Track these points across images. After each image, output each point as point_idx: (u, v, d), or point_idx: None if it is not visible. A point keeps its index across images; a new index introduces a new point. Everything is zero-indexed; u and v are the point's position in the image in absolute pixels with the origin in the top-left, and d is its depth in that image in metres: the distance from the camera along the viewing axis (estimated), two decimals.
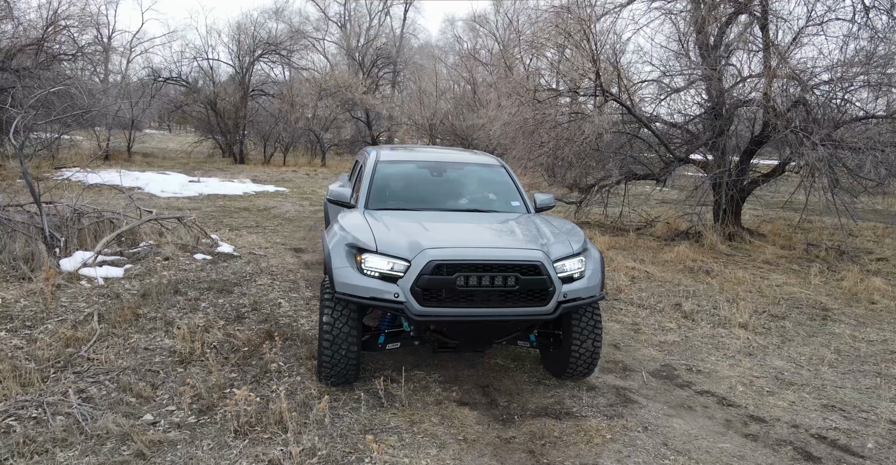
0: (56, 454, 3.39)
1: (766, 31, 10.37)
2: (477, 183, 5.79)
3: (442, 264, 3.89)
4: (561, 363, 4.64)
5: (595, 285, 4.35)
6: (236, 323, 5.56)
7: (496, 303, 3.99)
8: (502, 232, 4.76)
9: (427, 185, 5.58)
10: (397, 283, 3.96)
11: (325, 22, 45.42)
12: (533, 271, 4.01)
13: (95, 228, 7.55)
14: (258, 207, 13.16)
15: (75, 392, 4.07)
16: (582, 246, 4.48)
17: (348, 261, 4.13)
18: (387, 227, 4.38)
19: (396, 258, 4.00)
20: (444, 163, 5.96)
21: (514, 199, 5.58)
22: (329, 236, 4.58)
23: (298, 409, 4.02)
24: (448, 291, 3.93)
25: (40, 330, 5.00)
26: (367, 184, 5.34)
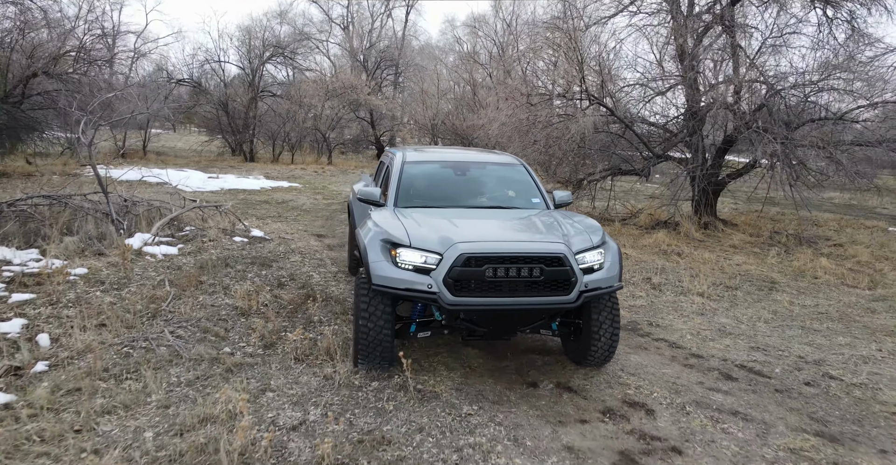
0: (169, 370, 4.61)
1: (733, 42, 11.58)
2: (498, 181, 6.05)
3: (472, 256, 4.16)
4: (581, 351, 4.90)
5: (613, 276, 4.60)
6: (279, 289, 6.77)
7: (522, 292, 4.24)
8: (526, 227, 5.02)
9: (451, 184, 5.86)
10: (430, 275, 4.22)
11: (329, 24, 46.51)
12: (556, 263, 4.26)
13: (147, 214, 8.75)
14: (276, 200, 14.36)
15: (169, 332, 5.29)
16: (601, 239, 4.74)
17: (383, 255, 4.37)
18: (418, 223, 4.63)
19: (429, 252, 4.26)
20: (467, 162, 6.24)
21: (534, 196, 5.84)
22: (363, 232, 4.80)
23: (340, 345, 5.23)
24: (477, 281, 4.18)
25: (126, 291, 6.21)
26: (395, 183, 5.63)
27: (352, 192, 7.19)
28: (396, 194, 5.50)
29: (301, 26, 41.23)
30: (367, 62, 35.32)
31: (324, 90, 25.85)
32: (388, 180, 5.86)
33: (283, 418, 3.97)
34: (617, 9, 12.80)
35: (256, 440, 3.62)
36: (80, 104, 10.82)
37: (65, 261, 6.88)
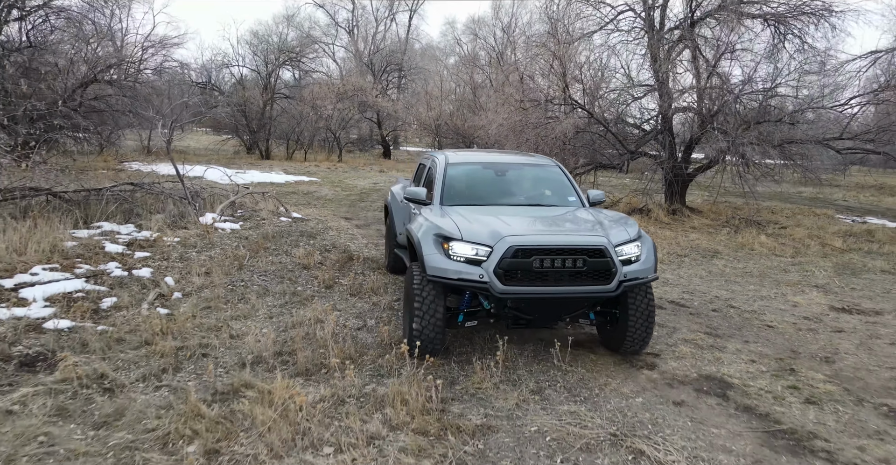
0: (265, 298, 6.61)
1: (695, 55, 13.60)
2: (535, 181, 6.43)
3: (521, 248, 4.48)
4: (618, 339, 5.17)
5: (650, 267, 4.91)
6: (326, 252, 8.78)
7: (567, 282, 4.55)
8: (567, 222, 5.41)
9: (492, 183, 6.27)
10: (481, 266, 4.55)
11: (335, 28, 48.57)
12: (598, 254, 4.56)
13: (211, 199, 10.74)
14: (302, 191, 16.37)
15: (256, 277, 7.30)
16: (637, 233, 5.04)
17: (436, 248, 4.71)
18: (467, 219, 4.97)
19: (480, 245, 4.60)
20: (506, 164, 6.65)
21: (569, 194, 6.20)
22: (415, 228, 5.19)
23: (382, 285, 7.22)
24: (525, 272, 4.50)
25: (213, 252, 8.21)
26: (440, 183, 6.02)
27: (389, 193, 7.89)
28: (442, 193, 5.89)
29: (307, 30, 43.25)
30: (373, 66, 37.28)
31: (335, 93, 27.84)
32: (431, 181, 6.27)
33: (351, 323, 5.96)
34: (599, 25, 14.80)
35: (337, 332, 5.61)
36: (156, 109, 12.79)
37: (158, 232, 8.88)
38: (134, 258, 7.60)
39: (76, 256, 7.40)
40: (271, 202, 11.54)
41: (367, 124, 33.29)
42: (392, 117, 33.49)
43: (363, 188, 18.31)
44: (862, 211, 16.98)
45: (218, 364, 4.84)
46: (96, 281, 6.69)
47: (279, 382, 4.32)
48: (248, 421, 3.91)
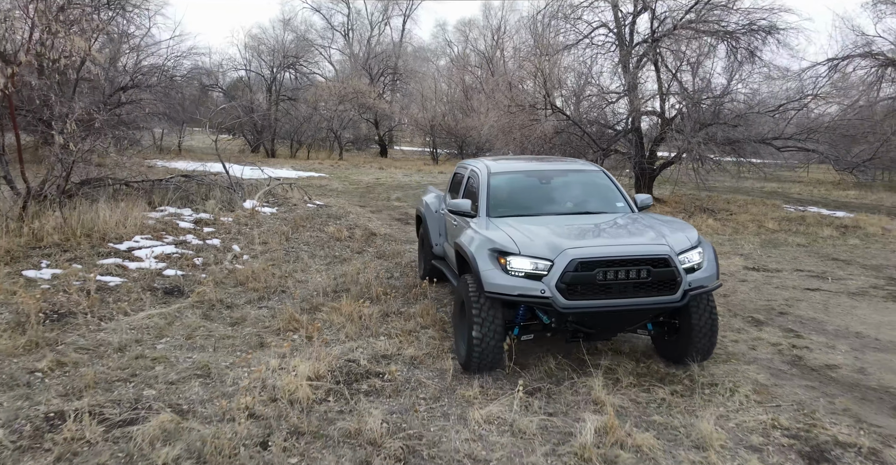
0: (313, 259, 8.71)
1: (657, 66, 15.83)
2: (582, 187, 6.17)
3: (583, 261, 4.30)
4: (681, 349, 4.95)
5: (713, 274, 4.73)
6: (352, 229, 10.88)
7: (631, 294, 4.38)
8: (624, 230, 5.16)
9: (538, 192, 6.04)
10: (542, 280, 4.38)
11: (331, 31, 50.52)
12: (663, 264, 4.38)
13: (249, 188, 12.81)
14: (315, 184, 18.44)
15: (302, 245, 9.40)
16: (698, 239, 4.84)
17: (492, 263, 4.56)
18: (521, 232, 4.80)
19: (539, 259, 4.43)
20: (550, 171, 6.41)
21: (618, 200, 5.97)
22: (467, 242, 5.03)
23: (401, 252, 9.33)
24: (588, 285, 4.33)
25: (262, 229, 10.28)
26: (484, 194, 5.79)
27: (421, 203, 7.81)
28: (487, 205, 5.68)
29: (304, 33, 45.20)
30: (370, 69, 39.32)
31: (336, 95, 29.90)
32: (472, 192, 6.13)
33: (382, 274, 8.06)
34: (576, 39, 17.00)
35: (373, 279, 7.70)
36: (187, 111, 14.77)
37: (214, 214, 10.93)
38: (204, 232, 9.67)
39: (160, 229, 9.46)
40: (297, 192, 13.62)
41: (365, 124, 35.35)
42: (388, 118, 35.58)
43: (368, 183, 20.40)
44: (808, 202, 19.26)
45: (296, 295, 6.94)
46: (184, 247, 8.76)
47: (345, 302, 6.44)
48: (328, 323, 6.02)
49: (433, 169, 28.16)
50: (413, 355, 5.20)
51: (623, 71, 16.82)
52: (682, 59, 16.08)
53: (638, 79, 16.58)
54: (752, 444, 3.83)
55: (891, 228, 13.13)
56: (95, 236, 8.49)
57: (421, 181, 21.61)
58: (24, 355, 4.86)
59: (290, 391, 4.29)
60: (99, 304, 6.11)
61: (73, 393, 4.22)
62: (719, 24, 15.75)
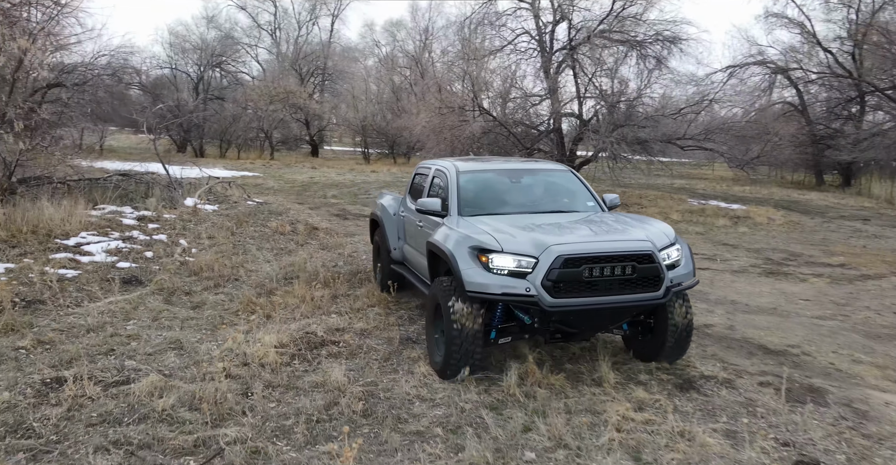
0: (261, 251, 9.26)
1: (575, 73, 17.18)
2: (552, 187, 6.09)
3: (570, 257, 4.22)
4: (655, 348, 4.95)
5: (690, 271, 4.76)
6: (294, 224, 11.44)
7: (616, 291, 4.34)
8: (603, 227, 5.05)
9: (509, 190, 5.92)
10: (526, 278, 4.27)
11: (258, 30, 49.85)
12: (647, 260, 4.36)
13: (189, 187, 13.08)
14: (251, 183, 18.67)
15: (249, 238, 9.92)
16: (675, 236, 4.83)
17: (473, 262, 4.40)
18: (500, 229, 4.68)
19: (523, 256, 4.31)
20: (519, 170, 6.34)
21: (588, 199, 5.90)
22: (442, 240, 4.86)
23: (343, 244, 10.00)
24: (574, 283, 4.25)
25: (207, 225, 10.68)
26: (454, 193, 5.60)
27: (377, 207, 7.56)
28: (458, 203, 5.51)
29: (228, 31, 44.48)
30: (300, 69, 39.30)
31: (267, 95, 29.90)
32: (442, 191, 5.92)
33: (328, 263, 8.73)
34: (501, 46, 18.13)
35: (320, 267, 8.36)
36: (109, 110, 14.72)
37: (156, 211, 11.20)
38: (149, 228, 9.99)
39: (105, 226, 9.71)
40: (236, 190, 13.97)
41: (296, 125, 35.39)
42: (319, 118, 35.76)
43: (303, 181, 20.79)
44: (710, 196, 21.24)
45: (250, 282, 7.53)
46: (131, 242, 9.10)
47: (297, 286, 7.11)
48: (283, 304, 6.66)
49: (365, 168, 28.72)
50: (363, 328, 5.95)
51: (545, 75, 18.09)
52: (597, 66, 17.51)
53: (558, 83, 17.89)
54: (639, 380, 4.84)
55: (775, 218, 14.96)
56: (41, 232, 8.71)
57: (354, 180, 22.18)
58: (3, 337, 5.27)
59: (260, 357, 4.96)
60: (62, 292, 6.51)
61: (62, 364, 4.73)
62: (629, 35, 17.26)
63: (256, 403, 4.17)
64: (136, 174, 12.69)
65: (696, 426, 3.96)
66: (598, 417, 4.14)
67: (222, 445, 3.56)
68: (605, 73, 17.36)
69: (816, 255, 10.80)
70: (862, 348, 5.83)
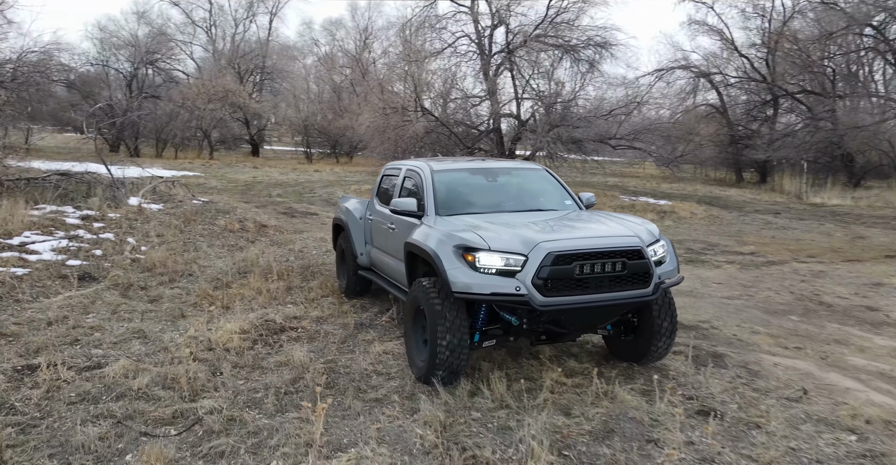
0: (212, 247, 9.45)
1: (513, 75, 17.96)
2: (529, 185, 6.00)
3: (561, 254, 4.11)
4: (640, 348, 4.92)
5: (675, 268, 4.72)
6: (243, 222, 11.62)
7: (607, 288, 4.24)
8: (588, 224, 5.00)
9: (486, 189, 5.79)
10: (515, 277, 4.13)
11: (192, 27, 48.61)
12: (637, 256, 4.29)
13: (132, 186, 13.00)
14: (193, 183, 18.48)
15: (199, 236, 10.07)
16: (659, 232, 4.77)
17: (459, 261, 4.23)
18: (484, 227, 4.55)
19: (511, 254, 4.17)
20: (494, 169, 6.17)
21: (565, 197, 5.80)
22: (423, 239, 4.69)
23: (293, 240, 10.29)
24: (566, 280, 4.14)
25: (153, 224, 10.73)
26: (430, 193, 5.42)
27: (341, 210, 7.37)
28: (435, 203, 5.33)
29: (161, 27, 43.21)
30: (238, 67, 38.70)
31: (206, 94, 29.42)
32: (415, 192, 5.72)
33: (279, 258, 9.03)
34: (442, 48, 18.71)
35: (273, 262, 8.66)
36: None
37: (99, 210, 11.14)
38: (94, 227, 9.98)
39: (48, 225, 9.65)
40: (181, 189, 13.96)
41: (235, 124, 34.88)
42: (260, 117, 35.37)
43: (246, 181, 20.73)
44: (641, 193, 22.52)
45: (204, 277, 7.77)
46: (78, 241, 9.12)
47: (252, 279, 7.41)
48: (240, 296, 6.97)
49: (308, 168, 28.72)
50: (318, 316, 6.35)
51: (484, 77, 18.80)
52: (534, 68, 18.34)
53: (497, 85, 18.64)
54: (571, 352, 5.47)
55: (697, 212, 16.16)
56: None
57: (298, 179, 22.25)
58: None
59: (224, 342, 5.30)
60: (17, 289, 6.59)
61: (30, 354, 4.93)
62: (564, 39, 18.19)
63: (227, 380, 4.53)
64: (76, 174, 12.52)
65: (618, 387, 4.59)
66: (535, 382, 4.71)
67: (200, 414, 3.93)
68: (542, 76, 18.23)
69: (731, 245, 11.87)
70: (761, 321, 6.68)
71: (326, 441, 3.62)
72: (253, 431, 3.78)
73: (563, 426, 3.98)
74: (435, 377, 4.34)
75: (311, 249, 9.76)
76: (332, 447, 3.60)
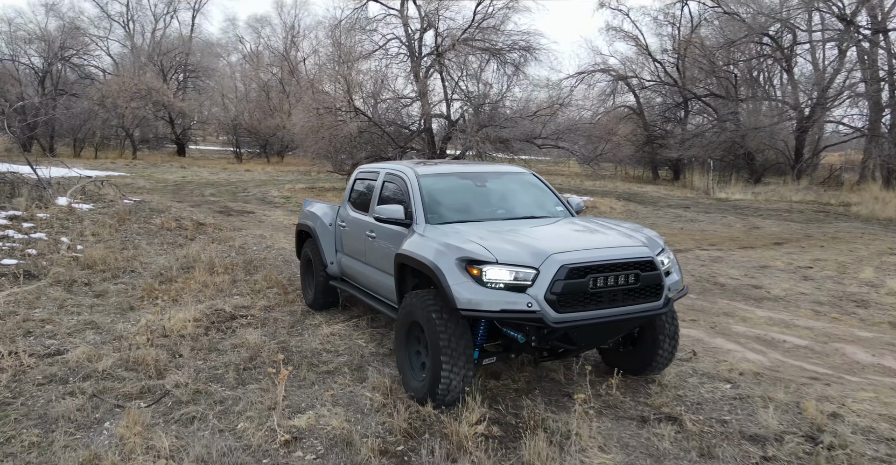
0: (151, 245, 9.56)
1: (443, 77, 18.63)
2: (519, 191, 5.70)
3: (575, 267, 3.88)
4: (640, 359, 4.72)
5: (680, 279, 4.52)
6: (179, 220, 11.69)
7: (620, 302, 4.03)
8: (592, 234, 4.73)
9: (476, 195, 5.45)
10: (526, 292, 3.87)
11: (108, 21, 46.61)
12: (650, 267, 4.11)
13: (59, 186, 12.75)
14: (120, 183, 18.07)
15: (136, 234, 10.13)
16: (663, 241, 4.60)
17: (463, 275, 3.97)
18: (485, 237, 4.29)
19: (521, 267, 3.91)
20: (482, 173, 5.85)
21: (556, 204, 5.55)
22: (419, 250, 4.38)
23: (233, 237, 10.51)
24: (578, 294, 3.91)
25: (86, 223, 10.66)
26: (418, 199, 5.03)
27: (308, 216, 6.80)
28: (424, 210, 4.94)
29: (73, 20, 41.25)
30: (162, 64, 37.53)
31: (128, 91, 28.49)
32: (399, 197, 5.31)
33: (221, 254, 9.26)
34: (374, 49, 19.14)
35: (215, 258, 8.90)
36: None
37: (25, 212, 10.94)
38: (24, 227, 9.86)
39: None
40: (111, 189, 13.76)
41: (159, 123, 33.89)
42: (185, 116, 34.50)
43: (175, 181, 20.43)
44: (566, 190, 23.72)
45: (148, 273, 7.96)
46: (8, 241, 9.03)
47: (197, 273, 7.68)
48: (187, 289, 7.24)
49: (239, 167, 28.42)
50: (266, 305, 6.74)
51: (415, 79, 19.36)
52: (462, 71, 19.08)
53: (427, 86, 19.24)
54: None
55: (616, 207, 17.38)
56: None
57: (230, 179, 22.11)
58: None
59: (178, 330, 5.63)
60: None
61: None
62: (490, 43, 19.01)
63: (187, 361, 4.90)
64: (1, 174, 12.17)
65: None
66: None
67: (168, 388, 4.31)
68: (470, 78, 18.99)
69: None
70: None
71: (287, 405, 4.10)
72: (219, 400, 4.21)
73: (494, 387, 4.62)
74: (438, 400, 4.03)
75: (252, 245, 10.03)
76: (293, 410, 4.08)
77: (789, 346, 5.89)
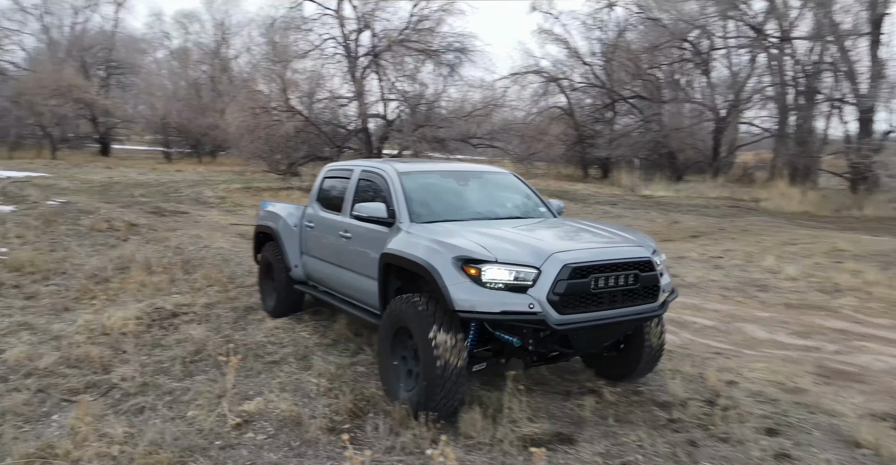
0: (83, 247, 9.35)
1: (380, 77, 18.84)
2: (502, 191, 5.62)
3: (578, 266, 3.79)
4: (627, 364, 4.63)
5: (671, 281, 4.48)
6: (110, 222, 11.41)
7: (620, 303, 3.95)
8: (588, 233, 4.66)
9: (459, 194, 5.34)
10: (527, 293, 3.75)
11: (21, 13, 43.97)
12: (648, 268, 4.05)
13: None
14: (42, 184, 17.33)
15: (64, 236, 9.86)
16: (654, 242, 4.54)
17: (461, 275, 3.82)
18: (481, 235, 4.17)
19: (521, 266, 3.79)
20: (464, 172, 5.74)
21: (538, 205, 5.47)
22: (407, 249, 4.20)
23: (168, 238, 10.39)
24: (580, 295, 3.81)
25: (11, 224, 10.28)
26: (401, 197, 4.82)
27: (270, 217, 6.52)
28: (409, 209, 4.75)
29: None
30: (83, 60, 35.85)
31: (48, 88, 27.12)
32: (378, 196, 5.11)
33: (157, 254, 9.17)
34: (310, 48, 19.13)
35: (151, 258, 8.82)
36: None
37: None
38: None
39: None
40: (34, 190, 13.24)
41: (81, 121, 32.39)
42: (109, 114, 33.11)
43: (101, 181, 19.71)
44: None
45: (80, 274, 7.83)
46: None
47: (134, 273, 7.64)
48: (124, 289, 7.20)
49: (169, 168, 27.59)
50: (207, 302, 6.81)
51: (351, 79, 19.47)
52: (398, 71, 19.34)
53: (364, 86, 19.39)
54: None
55: None
56: None
57: (160, 180, 21.50)
58: None
59: (119, 328, 5.67)
60: None
61: None
62: (426, 44, 19.35)
63: (131, 357, 4.98)
64: None
65: None
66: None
67: (115, 381, 4.40)
68: (407, 78, 19.27)
69: None
70: None
71: (235, 393, 4.28)
72: (167, 391, 4.34)
73: None
74: (433, 412, 3.80)
75: (189, 245, 9.96)
76: (242, 397, 4.27)
77: (698, 326, 6.51)
